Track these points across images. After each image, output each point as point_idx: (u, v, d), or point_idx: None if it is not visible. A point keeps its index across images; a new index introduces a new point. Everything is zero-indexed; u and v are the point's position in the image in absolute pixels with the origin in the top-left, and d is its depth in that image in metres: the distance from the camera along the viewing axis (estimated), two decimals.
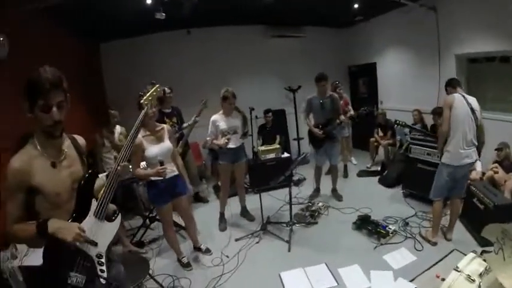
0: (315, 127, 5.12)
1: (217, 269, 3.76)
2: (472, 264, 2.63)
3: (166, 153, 3.41)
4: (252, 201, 5.16)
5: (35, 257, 2.93)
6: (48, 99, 1.54)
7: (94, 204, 1.74)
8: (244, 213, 5.08)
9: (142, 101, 2.16)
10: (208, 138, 4.55)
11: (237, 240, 4.34)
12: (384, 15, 7.16)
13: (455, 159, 3.53)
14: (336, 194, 5.49)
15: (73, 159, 1.79)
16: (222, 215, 4.94)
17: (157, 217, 4.63)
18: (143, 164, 3.59)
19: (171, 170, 3.48)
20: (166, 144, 3.43)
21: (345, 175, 6.61)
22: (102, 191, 1.77)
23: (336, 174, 5.52)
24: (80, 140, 1.92)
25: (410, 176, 5.07)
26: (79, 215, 1.69)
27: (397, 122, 4.63)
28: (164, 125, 3.58)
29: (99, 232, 1.74)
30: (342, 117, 5.03)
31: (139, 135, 3.26)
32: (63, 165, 1.72)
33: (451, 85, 3.74)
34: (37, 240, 1.58)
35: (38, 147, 1.64)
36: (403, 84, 7.00)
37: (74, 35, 5.64)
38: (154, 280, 3.39)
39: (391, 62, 7.37)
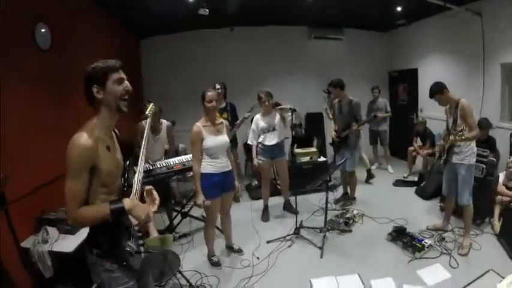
0: (335, 131, 5.34)
1: (247, 270, 3.80)
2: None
3: (223, 146, 3.57)
4: None
5: (65, 243, 3.14)
6: (120, 73, 1.79)
7: (134, 186, 1.93)
8: (288, 206, 5.25)
9: (147, 112, 2.37)
10: (249, 142, 5.00)
11: (268, 242, 4.38)
12: (426, 19, 7.02)
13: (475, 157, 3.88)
14: (347, 200, 5.55)
15: (116, 147, 1.95)
16: (265, 207, 5.21)
17: (190, 213, 4.78)
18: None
19: (226, 164, 3.64)
20: (224, 138, 3.58)
21: (366, 179, 6.62)
22: (136, 176, 1.97)
23: (352, 180, 5.53)
24: (116, 131, 2.08)
25: None
26: (125, 194, 1.89)
27: None
28: (223, 120, 3.74)
29: None
30: (355, 126, 5.03)
31: (200, 124, 3.47)
32: (113, 150, 1.85)
33: (446, 87, 3.86)
34: (103, 220, 1.70)
35: (98, 130, 1.75)
36: None
37: (117, 27, 5.91)
38: (183, 276, 3.48)
39: (433, 68, 7.15)
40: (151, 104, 2.46)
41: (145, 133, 2.25)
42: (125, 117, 2.27)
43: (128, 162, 2.02)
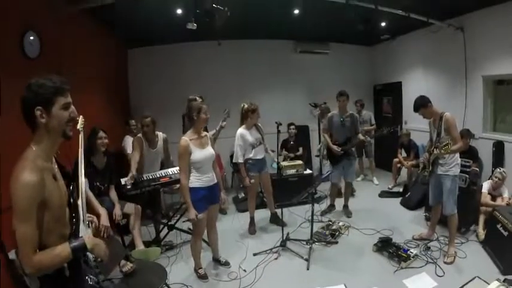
0: (334, 144, 5.28)
1: (234, 282, 3.74)
2: None
3: (210, 159, 3.54)
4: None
5: None
6: (68, 97, 1.60)
7: (81, 213, 1.83)
8: (275, 219, 5.21)
9: (78, 127, 2.13)
10: (239, 160, 4.76)
11: (255, 254, 4.33)
12: (410, 33, 7.19)
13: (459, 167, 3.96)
14: (346, 211, 5.58)
15: (58, 173, 1.76)
16: (252, 219, 5.14)
17: (176, 226, 4.73)
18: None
19: (212, 178, 3.60)
20: (210, 150, 3.55)
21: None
22: (80, 201, 1.85)
23: (349, 191, 5.66)
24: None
25: None
26: (76, 227, 1.77)
27: None
28: (206, 133, 3.71)
29: None
30: (361, 136, 5.24)
31: (187, 138, 3.40)
32: (58, 178, 1.69)
33: (430, 101, 3.92)
34: (65, 262, 1.58)
35: (41, 159, 1.57)
36: None
37: (105, 36, 5.88)
38: None
39: (416, 81, 7.30)
40: (81, 117, 2.21)
41: (79, 150, 2.10)
42: (111, 126, 2.21)
43: (71, 188, 1.82)
